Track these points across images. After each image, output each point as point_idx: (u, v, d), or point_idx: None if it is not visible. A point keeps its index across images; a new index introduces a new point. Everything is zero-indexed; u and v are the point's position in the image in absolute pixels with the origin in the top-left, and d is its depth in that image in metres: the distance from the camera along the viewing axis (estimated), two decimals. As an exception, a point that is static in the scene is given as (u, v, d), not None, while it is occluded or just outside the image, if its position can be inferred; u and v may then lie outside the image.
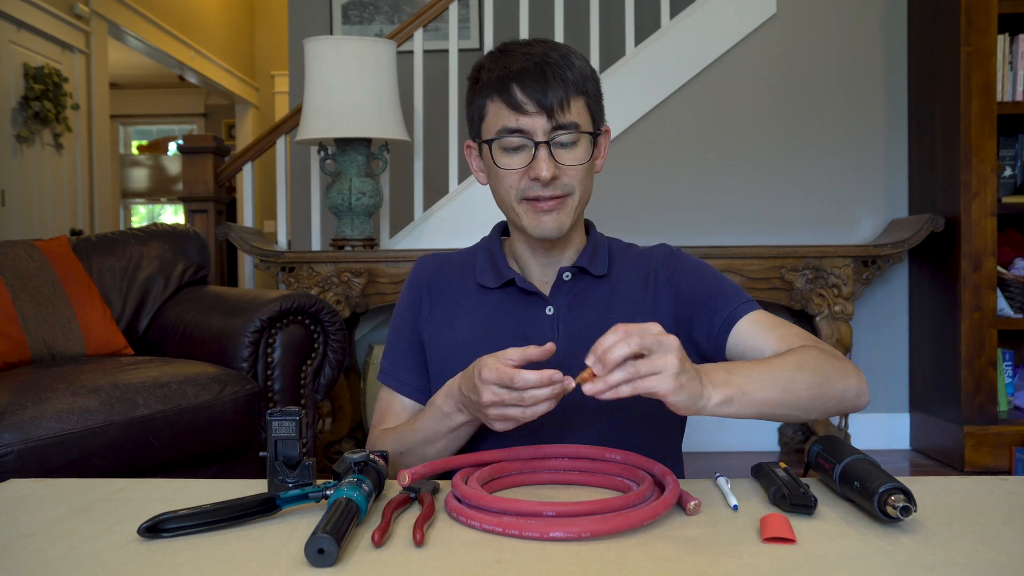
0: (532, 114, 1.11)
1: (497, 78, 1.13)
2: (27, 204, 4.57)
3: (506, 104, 1.12)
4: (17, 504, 0.97)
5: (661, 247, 1.26)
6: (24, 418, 1.75)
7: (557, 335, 1.17)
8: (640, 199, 3.36)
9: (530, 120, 1.11)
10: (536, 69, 1.11)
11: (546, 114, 1.10)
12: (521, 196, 1.14)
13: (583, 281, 1.21)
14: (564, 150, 1.12)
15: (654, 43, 3.32)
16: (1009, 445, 2.96)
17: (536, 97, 1.10)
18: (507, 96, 1.11)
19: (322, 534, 0.75)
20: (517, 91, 1.11)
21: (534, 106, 1.10)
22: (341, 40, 3.01)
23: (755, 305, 1.17)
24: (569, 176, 1.13)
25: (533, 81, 1.10)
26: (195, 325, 2.35)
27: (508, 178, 1.14)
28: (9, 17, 4.40)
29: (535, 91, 1.10)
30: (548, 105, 1.10)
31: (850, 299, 3.00)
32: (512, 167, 1.13)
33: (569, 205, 1.14)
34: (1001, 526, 0.86)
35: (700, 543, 0.81)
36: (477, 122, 1.18)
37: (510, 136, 1.12)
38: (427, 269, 1.28)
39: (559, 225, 1.14)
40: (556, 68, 1.11)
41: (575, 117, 1.12)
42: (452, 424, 1.09)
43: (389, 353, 1.27)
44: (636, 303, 1.20)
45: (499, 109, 1.13)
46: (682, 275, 1.21)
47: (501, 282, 1.21)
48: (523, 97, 1.11)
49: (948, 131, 3.08)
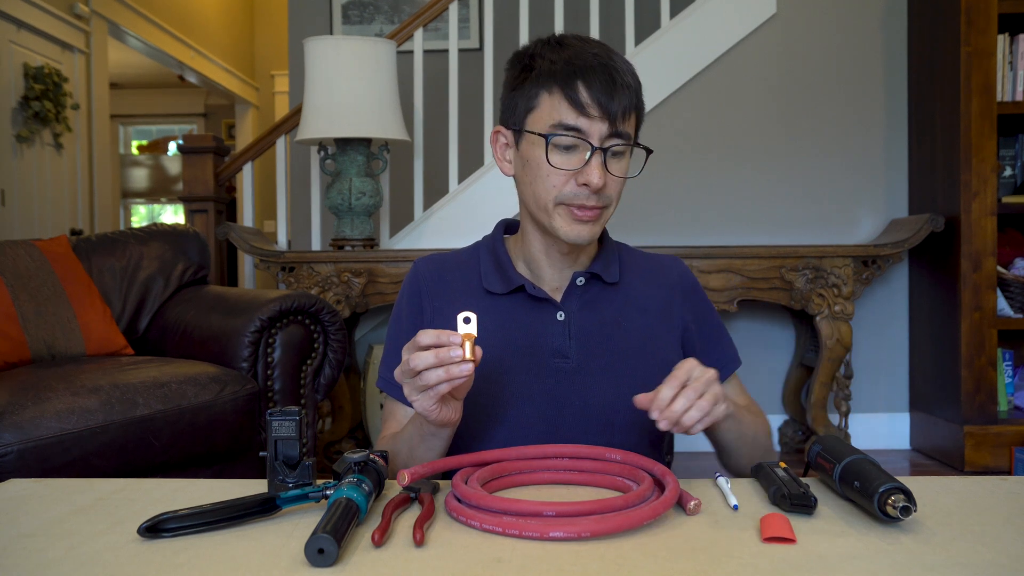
0: (595, 118, 1.06)
1: (561, 71, 1.06)
2: (27, 204, 4.57)
3: (568, 100, 1.06)
4: (17, 504, 0.97)
5: (675, 260, 1.28)
6: (24, 418, 1.75)
7: (568, 341, 1.16)
8: (640, 199, 3.36)
9: (590, 123, 1.06)
10: (604, 72, 1.06)
11: (609, 120, 1.06)
12: (561, 199, 1.09)
13: (595, 287, 1.19)
14: (614, 160, 1.08)
15: (654, 43, 3.32)
16: (1009, 445, 2.96)
17: (602, 100, 1.05)
18: (571, 92, 1.05)
19: (322, 534, 0.75)
20: (583, 90, 1.05)
21: (598, 110, 1.05)
22: (341, 40, 3.01)
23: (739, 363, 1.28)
24: (612, 188, 1.10)
25: (601, 83, 1.05)
26: (195, 325, 2.35)
27: (553, 177, 1.08)
28: (9, 17, 4.40)
29: (602, 94, 1.05)
30: (613, 112, 1.05)
31: (850, 299, 3.00)
32: (562, 167, 1.07)
33: (605, 216, 1.12)
34: (1001, 526, 0.86)
35: (700, 543, 0.81)
36: (523, 111, 1.11)
37: (566, 133, 1.06)
38: (426, 274, 1.22)
39: (592, 235, 1.11)
40: (622, 75, 1.07)
41: (630, 128, 1.09)
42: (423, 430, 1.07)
43: (388, 360, 1.22)
44: (649, 313, 1.19)
45: (558, 103, 1.06)
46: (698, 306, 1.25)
47: (510, 288, 1.17)
48: (588, 99, 1.05)
49: (948, 131, 3.08)
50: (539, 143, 1.08)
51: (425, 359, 0.93)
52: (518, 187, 1.16)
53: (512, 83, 1.13)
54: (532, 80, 1.09)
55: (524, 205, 1.16)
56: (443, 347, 0.93)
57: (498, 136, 1.17)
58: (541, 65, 1.09)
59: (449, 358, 0.93)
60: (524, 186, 1.13)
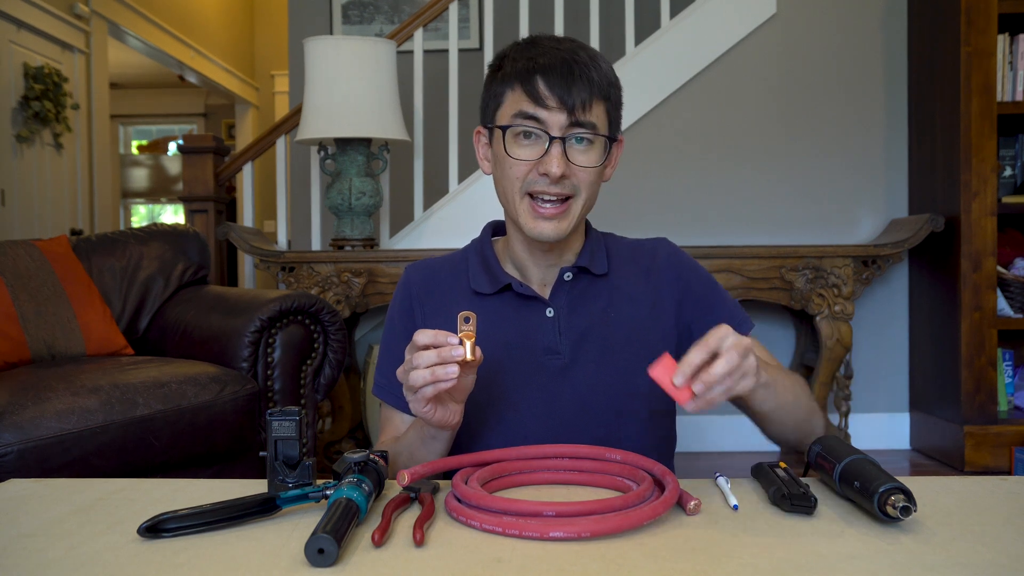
0: (552, 109, 1.08)
1: (522, 68, 1.10)
2: (27, 204, 4.57)
3: (527, 95, 1.09)
4: (17, 504, 0.97)
5: (660, 241, 1.26)
6: (24, 418, 1.75)
7: (559, 337, 1.16)
8: (640, 199, 3.36)
9: (549, 114, 1.08)
10: (563, 65, 1.08)
11: (567, 111, 1.07)
12: (525, 190, 1.11)
13: (583, 281, 1.19)
14: (578, 149, 1.10)
15: (654, 43, 3.32)
16: (1009, 445, 2.96)
17: (559, 92, 1.07)
18: (529, 87, 1.08)
19: (322, 534, 0.75)
20: (541, 84, 1.08)
21: (556, 101, 1.07)
22: (341, 40, 3.01)
23: (751, 324, 1.22)
24: (578, 178, 1.10)
25: (558, 76, 1.07)
26: (195, 325, 2.35)
27: (515, 168, 1.10)
28: (9, 17, 4.40)
29: (558, 86, 1.07)
30: (570, 103, 1.07)
31: (850, 299, 3.00)
32: (522, 158, 1.10)
33: (572, 210, 1.12)
34: (1001, 526, 0.86)
35: (700, 543, 0.81)
36: (492, 109, 1.14)
37: (525, 121, 1.09)
38: (416, 279, 1.23)
39: (559, 231, 1.12)
40: (583, 67, 1.09)
41: (594, 119, 1.10)
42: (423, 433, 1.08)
43: (383, 367, 1.23)
44: (636, 300, 1.19)
45: (519, 98, 1.10)
46: (689, 280, 1.21)
47: (497, 287, 1.18)
48: (546, 91, 1.08)
49: (948, 131, 3.08)
50: (506, 136, 1.11)
51: (427, 357, 0.94)
52: (495, 185, 1.18)
53: (486, 84, 1.17)
54: (499, 79, 1.13)
55: (501, 202, 1.18)
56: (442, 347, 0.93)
57: (479, 136, 1.20)
58: (508, 65, 1.13)
59: (450, 356, 0.93)
60: (496, 183, 1.16)
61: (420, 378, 0.94)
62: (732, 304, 1.23)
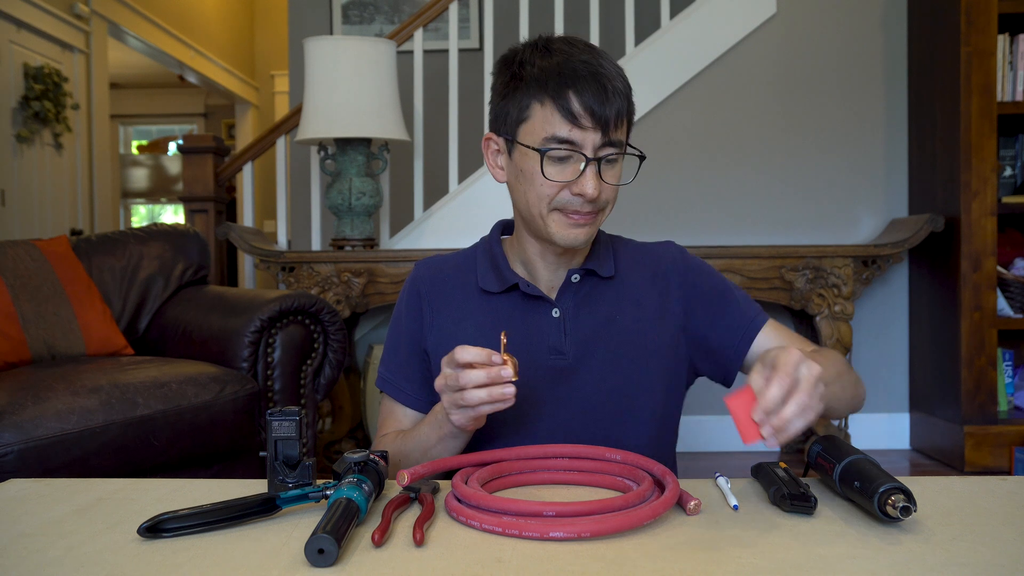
0: (588, 128, 1.05)
1: (553, 81, 1.06)
2: (27, 204, 4.57)
3: (560, 112, 1.05)
4: (17, 504, 0.97)
5: (668, 245, 1.25)
6: (24, 418, 1.75)
7: (564, 338, 1.16)
8: (640, 199, 3.36)
9: (583, 134, 1.05)
10: (594, 79, 1.05)
11: (602, 130, 1.05)
12: (556, 206, 1.09)
13: (590, 283, 1.19)
14: (608, 168, 1.09)
15: (654, 43, 3.32)
16: (1009, 445, 2.96)
17: (595, 109, 1.05)
18: (563, 103, 1.05)
19: (322, 534, 0.75)
20: (575, 100, 1.05)
21: (591, 120, 1.05)
22: (341, 40, 3.01)
23: (767, 315, 1.21)
24: (607, 194, 1.10)
25: (591, 92, 1.05)
26: (195, 325, 2.35)
27: (548, 188, 1.08)
28: (9, 17, 4.40)
29: (594, 103, 1.04)
30: (606, 120, 1.05)
31: (850, 299, 3.00)
32: (556, 179, 1.07)
33: (599, 220, 1.12)
34: (1001, 526, 0.86)
35: (700, 543, 0.81)
36: (515, 121, 1.10)
37: (560, 147, 1.06)
38: (424, 275, 1.24)
39: (588, 237, 1.12)
40: (612, 80, 1.06)
41: (622, 135, 1.09)
42: (442, 432, 1.08)
43: (388, 360, 1.24)
44: (643, 304, 1.19)
45: (550, 115, 1.06)
46: (696, 281, 1.21)
47: (505, 287, 1.18)
48: (581, 108, 1.05)
49: (948, 131, 3.08)
50: (533, 156, 1.08)
51: (476, 377, 0.95)
52: (512, 194, 1.16)
53: (502, 90, 1.12)
54: (523, 90, 1.08)
55: (518, 211, 1.17)
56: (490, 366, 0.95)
57: (489, 143, 1.17)
58: (530, 73, 1.08)
59: (499, 376, 0.95)
60: (518, 194, 1.14)
61: (477, 398, 0.96)
62: (744, 302, 1.21)
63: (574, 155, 1.07)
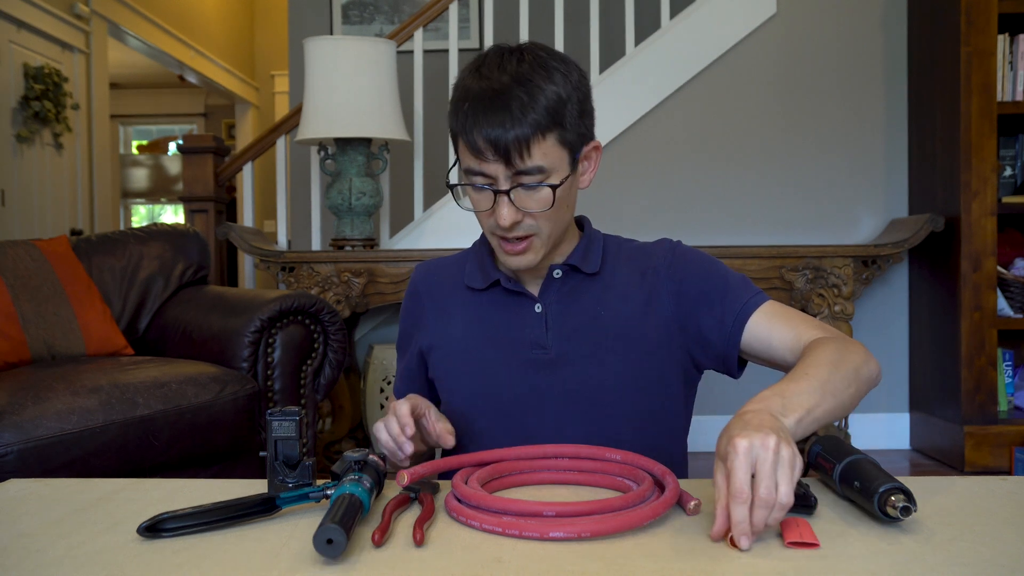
0: (491, 161, 1.06)
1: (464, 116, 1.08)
2: (27, 204, 4.57)
3: (469, 146, 1.07)
4: (17, 504, 0.97)
5: (662, 242, 1.24)
6: (24, 418, 1.75)
7: (546, 333, 1.17)
8: (640, 199, 3.36)
9: (490, 166, 1.06)
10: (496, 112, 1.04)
11: (504, 161, 1.05)
12: (491, 231, 1.13)
13: (574, 279, 1.19)
14: (528, 194, 1.07)
15: (654, 43, 3.32)
16: (1009, 445, 2.96)
17: (496, 143, 1.04)
18: (469, 138, 1.07)
19: (331, 524, 0.75)
20: (478, 135, 1.05)
21: (493, 152, 1.05)
22: (341, 40, 3.01)
23: (764, 296, 1.15)
24: (535, 218, 1.09)
25: (494, 124, 1.04)
26: (195, 325, 2.35)
27: (480, 216, 1.13)
28: (9, 17, 4.40)
29: (495, 135, 1.04)
30: (505, 151, 1.04)
31: (850, 299, 3.00)
32: (480, 208, 1.11)
33: (535, 245, 1.12)
34: (1001, 526, 0.86)
35: (700, 543, 0.81)
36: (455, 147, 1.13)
37: (473, 178, 1.09)
38: (421, 277, 1.29)
39: (528, 263, 1.13)
40: (518, 107, 1.04)
41: (540, 160, 1.06)
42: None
43: (399, 366, 1.31)
44: (629, 300, 1.18)
45: (464, 149, 1.09)
46: (685, 270, 1.18)
47: (487, 283, 1.20)
48: (484, 142, 1.05)
49: (948, 131, 3.08)
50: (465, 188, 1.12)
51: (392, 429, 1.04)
52: None
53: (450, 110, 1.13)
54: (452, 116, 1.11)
55: None
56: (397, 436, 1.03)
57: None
58: (459, 103, 1.09)
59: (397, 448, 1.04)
60: None
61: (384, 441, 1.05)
62: (739, 285, 1.16)
63: (488, 185, 1.08)
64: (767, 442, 0.80)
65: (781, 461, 0.80)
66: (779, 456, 0.80)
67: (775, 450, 0.80)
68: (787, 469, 0.80)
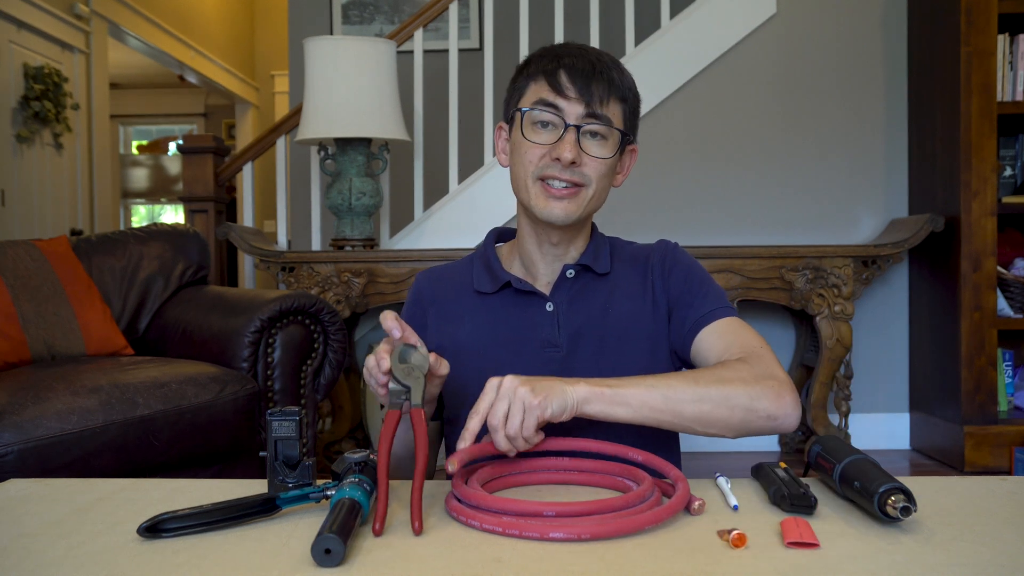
0: (571, 99, 1.12)
1: (547, 65, 1.15)
2: (27, 204, 4.57)
3: (549, 85, 1.13)
4: (17, 504, 0.97)
5: (661, 243, 1.28)
6: (24, 418, 1.75)
7: (558, 331, 1.18)
8: (640, 199, 3.36)
9: (567, 103, 1.12)
10: (586, 63, 1.13)
11: (584, 103, 1.12)
12: (537, 175, 1.15)
13: (585, 278, 1.22)
14: (592, 141, 1.14)
15: (654, 43, 3.32)
16: (1009, 445, 2.96)
17: (579, 85, 1.12)
18: (552, 79, 1.13)
19: (328, 534, 0.75)
20: (564, 76, 1.13)
21: (575, 92, 1.12)
22: (341, 40, 3.01)
23: (730, 312, 1.17)
24: (590, 167, 1.14)
25: (580, 72, 1.12)
26: (195, 325, 2.35)
27: (530, 152, 1.14)
28: (9, 17, 4.40)
29: (580, 80, 1.12)
30: (588, 95, 1.12)
31: (850, 299, 3.00)
32: (537, 142, 1.14)
33: (582, 196, 1.15)
34: (1001, 526, 0.86)
35: (700, 543, 0.81)
36: (515, 100, 1.19)
37: (543, 109, 1.13)
38: (425, 284, 1.29)
39: (567, 213, 1.15)
40: (606, 68, 1.14)
41: (611, 114, 1.14)
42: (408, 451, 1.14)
43: None
44: (634, 299, 1.21)
45: (540, 87, 1.14)
46: (674, 270, 1.23)
47: (498, 286, 1.21)
48: (567, 82, 1.12)
49: (948, 131, 3.08)
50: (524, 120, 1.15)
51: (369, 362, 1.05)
52: (511, 176, 1.21)
53: (511, 84, 1.21)
54: (523, 76, 1.18)
55: (515, 191, 1.21)
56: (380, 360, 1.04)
57: (500, 131, 1.25)
58: (533, 63, 1.18)
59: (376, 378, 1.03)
60: (512, 170, 1.20)
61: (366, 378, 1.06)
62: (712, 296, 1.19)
63: (556, 122, 1.13)
64: (515, 383, 0.95)
65: (519, 397, 0.94)
66: (517, 393, 0.94)
67: (515, 390, 0.95)
68: (519, 405, 0.94)
